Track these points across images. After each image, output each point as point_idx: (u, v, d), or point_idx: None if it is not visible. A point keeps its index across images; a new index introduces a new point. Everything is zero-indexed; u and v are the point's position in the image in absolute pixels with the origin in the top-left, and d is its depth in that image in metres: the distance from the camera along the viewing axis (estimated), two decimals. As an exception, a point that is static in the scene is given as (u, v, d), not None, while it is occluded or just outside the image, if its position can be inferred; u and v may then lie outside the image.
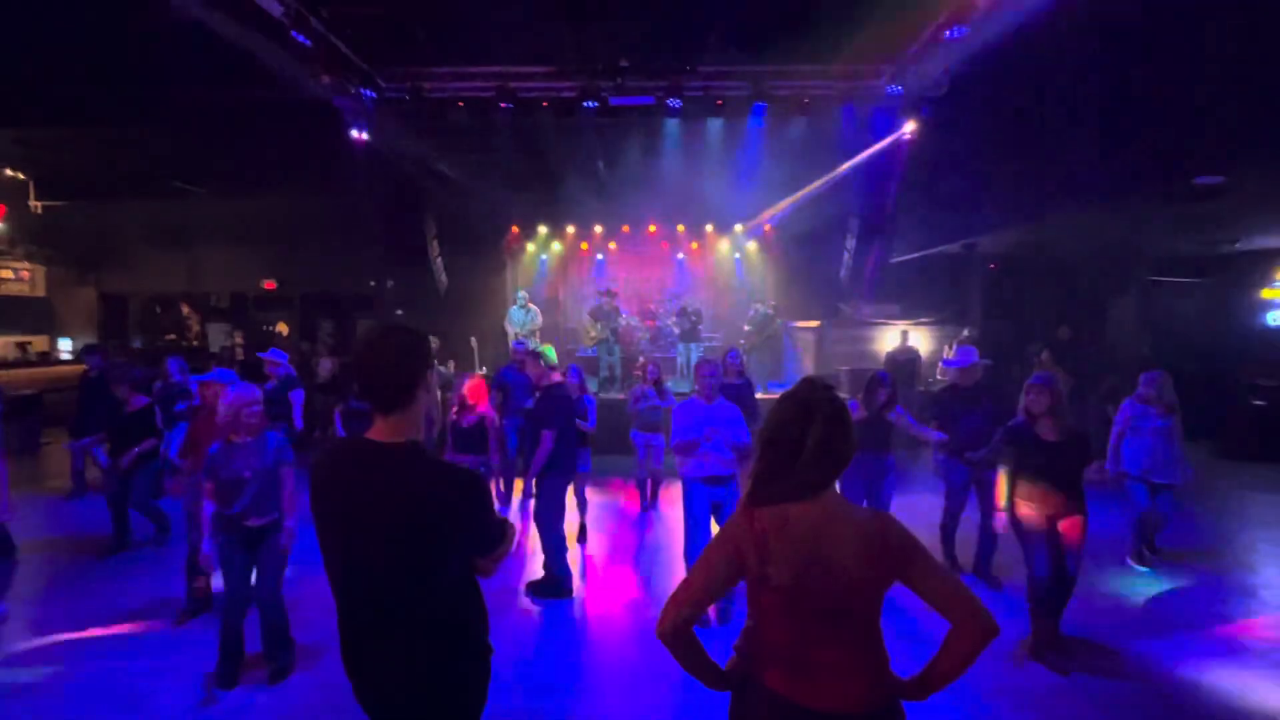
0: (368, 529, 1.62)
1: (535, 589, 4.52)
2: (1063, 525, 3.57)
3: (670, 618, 1.55)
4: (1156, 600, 4.46)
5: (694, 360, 10.07)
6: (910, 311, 10.64)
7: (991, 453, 4.16)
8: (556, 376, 4.74)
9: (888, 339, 10.26)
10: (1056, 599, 3.61)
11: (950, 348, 9.75)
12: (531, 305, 10.37)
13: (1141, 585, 4.69)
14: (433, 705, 1.66)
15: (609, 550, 5.43)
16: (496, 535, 1.74)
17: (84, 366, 6.70)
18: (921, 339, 10.32)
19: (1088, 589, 4.51)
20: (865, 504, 4.32)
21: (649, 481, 6.43)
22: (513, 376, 6.53)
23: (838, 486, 1.65)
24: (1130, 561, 5.00)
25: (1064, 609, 3.67)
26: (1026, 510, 3.63)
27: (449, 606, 1.68)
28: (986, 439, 4.29)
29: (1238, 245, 9.60)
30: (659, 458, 6.21)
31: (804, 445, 1.56)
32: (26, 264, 13.22)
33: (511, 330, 10.20)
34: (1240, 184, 5.47)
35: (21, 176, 12.22)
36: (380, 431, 1.68)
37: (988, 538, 4.62)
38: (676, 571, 4.86)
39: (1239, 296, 10.29)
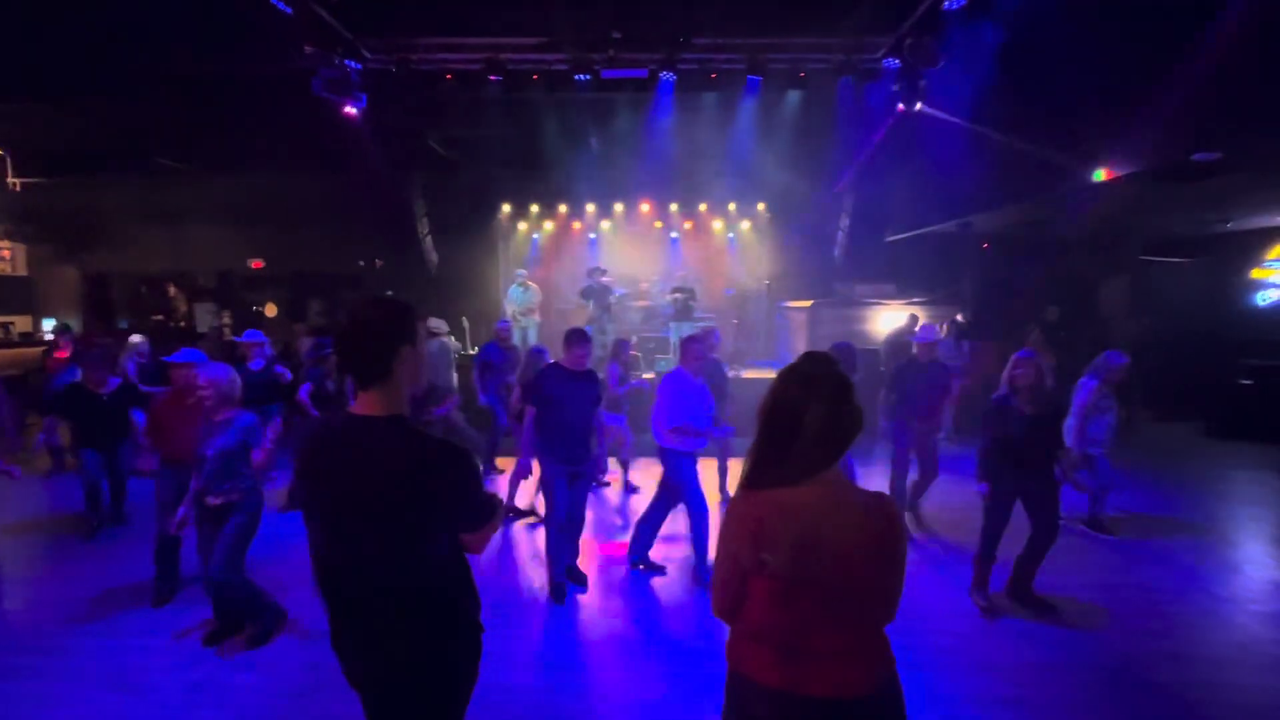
0: (352, 504, 1.59)
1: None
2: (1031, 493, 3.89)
3: (717, 609, 1.66)
4: (1124, 566, 4.52)
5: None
6: (904, 291, 10.61)
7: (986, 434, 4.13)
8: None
9: (881, 319, 10.23)
10: (988, 554, 4.00)
11: (944, 328, 9.74)
12: (531, 284, 10.43)
13: (1107, 553, 4.79)
14: (420, 682, 1.64)
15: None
16: (485, 511, 1.70)
17: (50, 346, 6.64)
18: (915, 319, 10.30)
19: (1074, 561, 4.59)
20: None
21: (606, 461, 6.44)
22: (496, 354, 6.52)
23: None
24: (1089, 529, 5.19)
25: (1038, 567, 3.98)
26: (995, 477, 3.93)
27: (436, 583, 1.65)
28: (931, 408, 5.08)
29: (1229, 225, 9.61)
30: (626, 438, 6.23)
31: (804, 424, 1.50)
32: (7, 243, 12.93)
33: (510, 309, 10.24)
34: (1237, 162, 5.43)
35: (-1, 152, 11.89)
36: (363, 405, 1.63)
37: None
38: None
39: (1229, 276, 10.33)
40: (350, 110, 8.35)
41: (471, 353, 10.03)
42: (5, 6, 6.59)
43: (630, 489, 6.39)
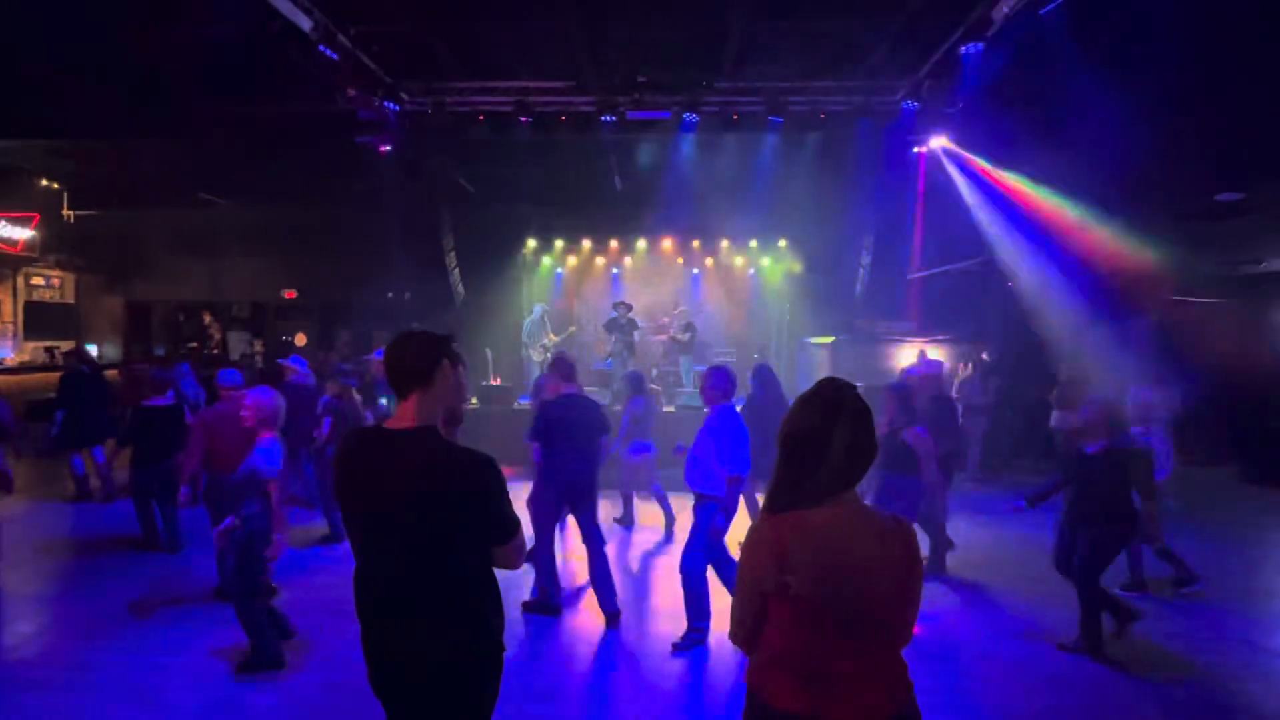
0: (384, 513, 1.66)
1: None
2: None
3: (734, 635, 1.65)
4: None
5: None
6: (927, 328, 10.55)
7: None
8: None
9: (903, 356, 10.16)
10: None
11: (968, 366, 9.64)
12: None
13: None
14: (441, 693, 1.68)
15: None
16: (513, 523, 1.74)
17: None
18: (937, 357, 10.21)
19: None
20: None
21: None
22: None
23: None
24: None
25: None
26: None
27: (465, 596, 1.69)
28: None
29: (1261, 266, 9.44)
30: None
31: (829, 448, 1.51)
32: (58, 272, 13.55)
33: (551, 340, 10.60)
34: (1261, 202, 5.39)
35: (56, 186, 12.58)
36: (398, 419, 1.73)
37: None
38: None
39: (1262, 318, 10.09)
40: (384, 149, 8.73)
41: (496, 381, 10.19)
42: (67, 54, 7.05)
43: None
